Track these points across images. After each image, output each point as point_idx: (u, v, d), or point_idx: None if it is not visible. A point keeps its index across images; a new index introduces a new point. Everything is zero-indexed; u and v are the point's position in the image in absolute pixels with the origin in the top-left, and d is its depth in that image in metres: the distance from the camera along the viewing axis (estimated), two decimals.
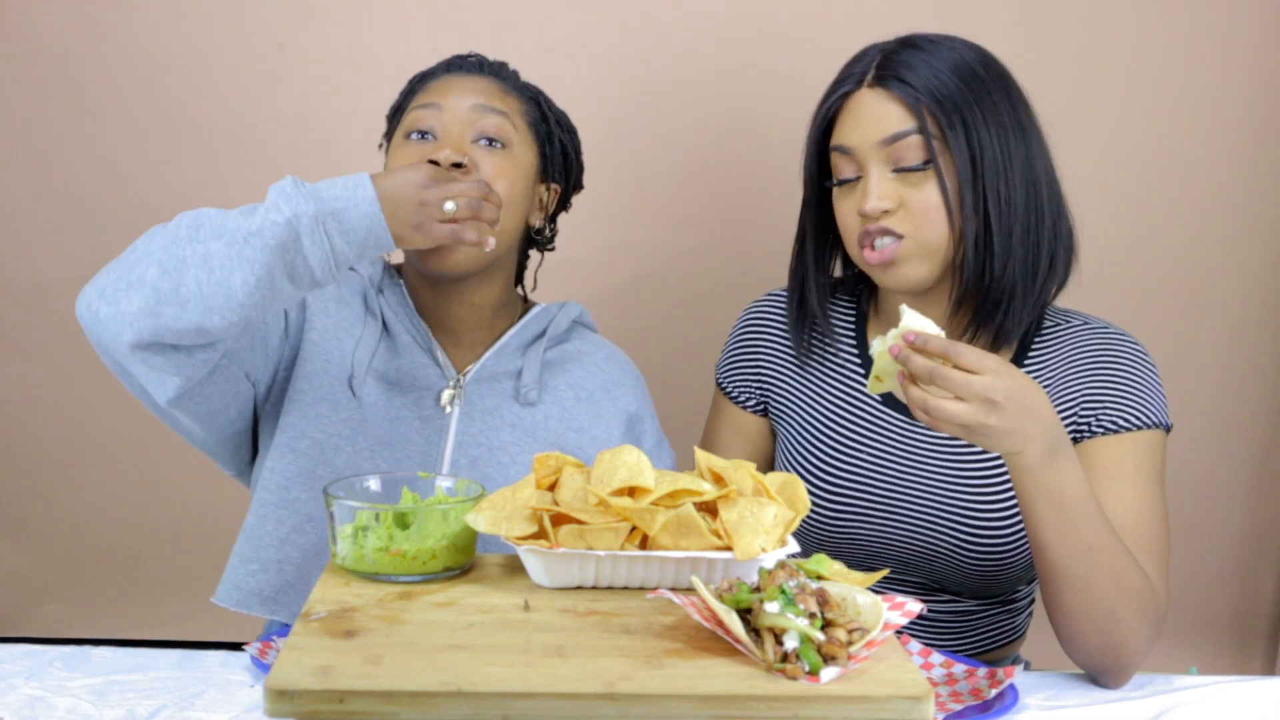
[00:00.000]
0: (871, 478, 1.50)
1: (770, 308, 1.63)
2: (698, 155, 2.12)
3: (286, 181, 1.22)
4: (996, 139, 1.38)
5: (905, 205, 1.39)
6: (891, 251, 1.40)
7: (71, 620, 2.26)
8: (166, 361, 1.25)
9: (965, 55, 1.42)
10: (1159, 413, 1.42)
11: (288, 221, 1.19)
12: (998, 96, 1.40)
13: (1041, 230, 1.42)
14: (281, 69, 2.08)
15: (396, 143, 1.47)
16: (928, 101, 1.38)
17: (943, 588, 1.52)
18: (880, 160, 1.40)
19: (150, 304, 1.21)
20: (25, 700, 1.21)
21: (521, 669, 0.91)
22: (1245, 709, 1.28)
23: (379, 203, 1.22)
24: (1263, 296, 2.17)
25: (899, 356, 1.19)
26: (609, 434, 1.51)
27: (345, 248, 1.22)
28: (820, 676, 0.91)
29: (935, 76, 1.39)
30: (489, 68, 1.51)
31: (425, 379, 1.46)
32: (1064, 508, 1.24)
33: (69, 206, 2.11)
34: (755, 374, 1.61)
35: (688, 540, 1.07)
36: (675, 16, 2.08)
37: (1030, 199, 1.40)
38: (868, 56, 1.44)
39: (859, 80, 1.43)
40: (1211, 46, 2.07)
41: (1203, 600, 2.25)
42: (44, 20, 2.05)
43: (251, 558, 1.41)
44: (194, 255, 1.21)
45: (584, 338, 1.57)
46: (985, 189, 1.38)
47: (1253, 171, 2.12)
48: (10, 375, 2.17)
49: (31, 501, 2.21)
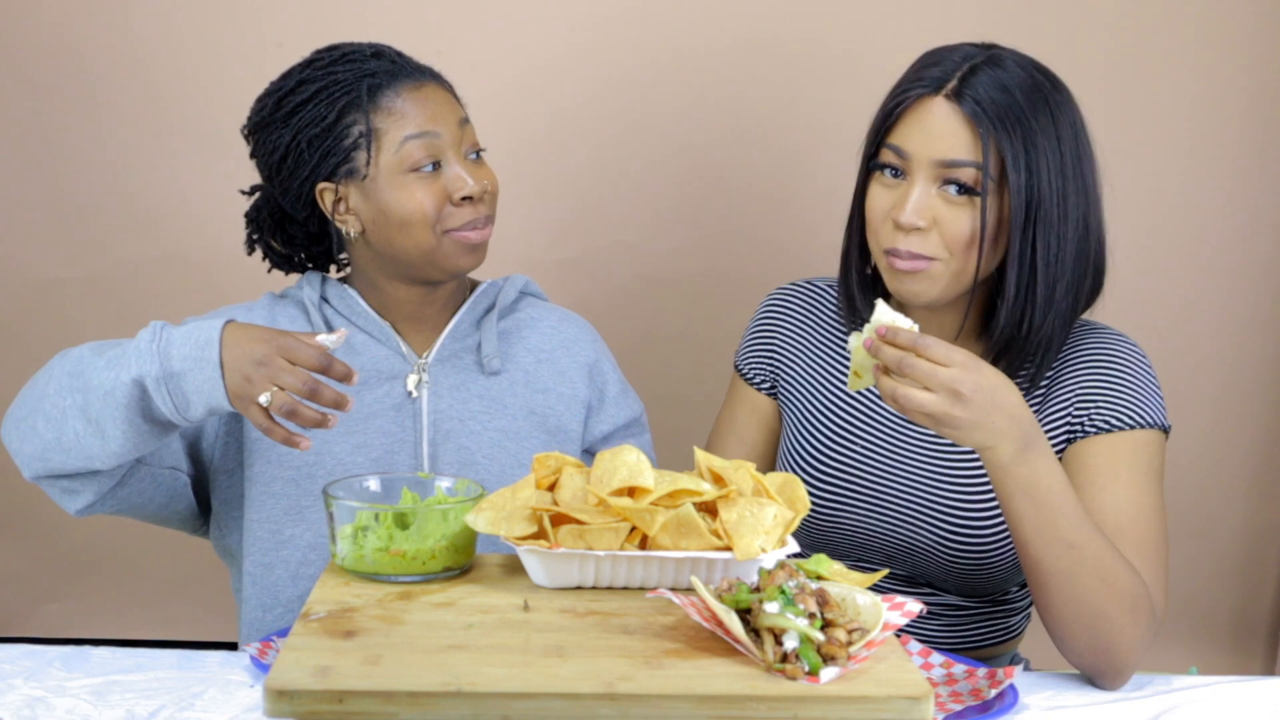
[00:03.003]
0: (859, 467, 1.51)
1: (793, 295, 1.63)
2: (698, 155, 2.12)
3: (146, 331, 1.27)
4: (1057, 190, 1.35)
5: (938, 224, 1.36)
6: (917, 265, 1.38)
7: (71, 620, 2.26)
8: (72, 483, 1.35)
9: (1046, 88, 1.37)
10: (1154, 413, 1.42)
11: (133, 381, 1.25)
12: (1067, 143, 1.37)
13: (1083, 284, 1.41)
14: (281, 68, 2.07)
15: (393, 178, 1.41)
16: (999, 136, 1.33)
17: (928, 583, 1.52)
18: (930, 177, 1.36)
19: (39, 450, 1.31)
20: (25, 700, 1.21)
21: (521, 669, 0.91)
22: (1245, 709, 1.28)
23: (220, 369, 1.23)
24: (1263, 297, 2.16)
25: (871, 349, 1.22)
26: (574, 390, 1.54)
27: (192, 403, 1.25)
28: (820, 677, 0.91)
29: (1012, 110, 1.34)
30: (417, 65, 1.49)
31: (390, 370, 1.48)
32: (1041, 504, 1.25)
33: (69, 206, 2.11)
34: (769, 357, 1.61)
35: (687, 540, 1.07)
36: (675, 17, 2.08)
37: (1081, 249, 1.39)
38: (950, 61, 1.38)
39: (937, 86, 1.36)
40: (1212, 46, 2.07)
41: (1203, 600, 2.25)
42: (43, 20, 2.05)
43: (272, 603, 1.44)
44: (72, 405, 1.28)
45: (533, 305, 1.59)
46: (1036, 238, 1.35)
47: (1252, 171, 2.12)
48: (10, 375, 2.16)
49: (31, 501, 2.21)
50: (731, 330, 2.16)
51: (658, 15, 2.08)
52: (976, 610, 1.54)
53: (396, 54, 1.48)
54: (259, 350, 1.22)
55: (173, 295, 2.12)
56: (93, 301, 2.12)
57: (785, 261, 2.15)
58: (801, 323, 1.61)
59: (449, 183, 1.42)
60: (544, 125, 2.09)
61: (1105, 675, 1.31)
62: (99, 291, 2.12)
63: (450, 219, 1.42)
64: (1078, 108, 1.41)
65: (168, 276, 2.13)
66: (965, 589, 1.51)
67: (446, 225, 1.42)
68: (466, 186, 1.42)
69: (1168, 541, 1.39)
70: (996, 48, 1.41)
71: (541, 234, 2.13)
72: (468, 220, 1.43)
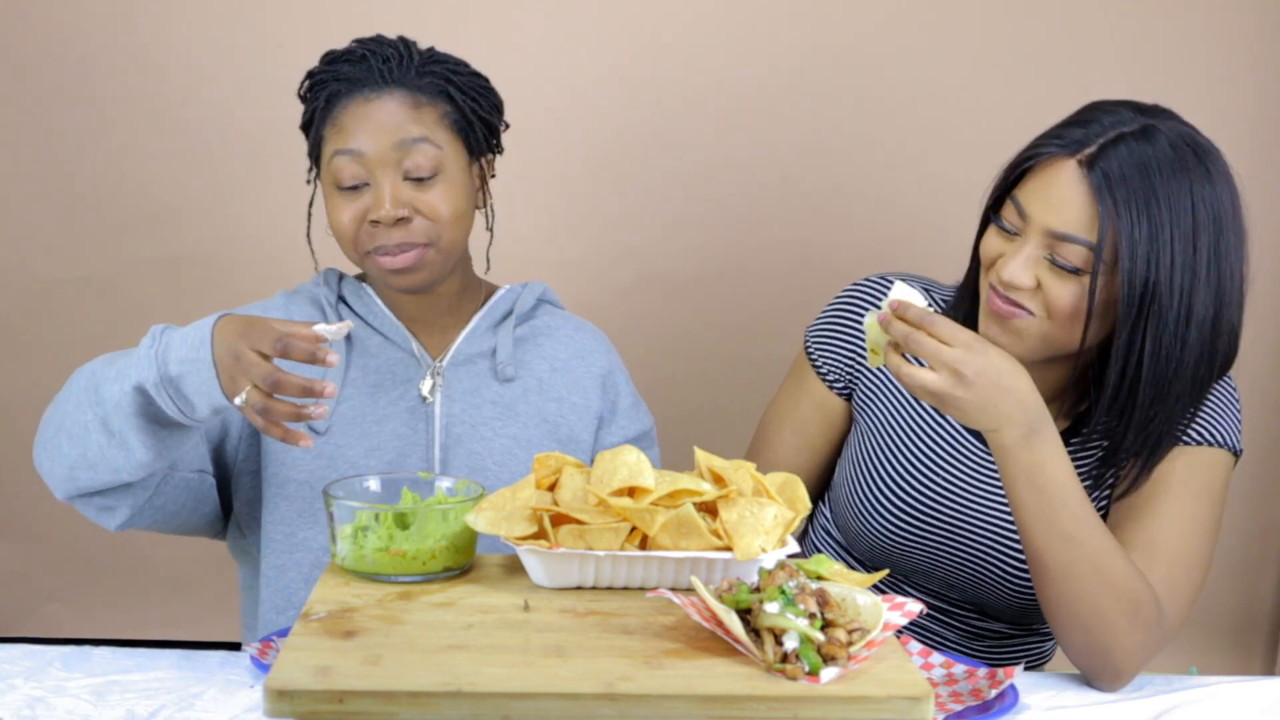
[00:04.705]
0: (936, 495, 1.47)
1: (878, 291, 1.51)
2: (698, 156, 2.12)
3: (147, 338, 1.26)
4: (1181, 287, 1.27)
5: (1044, 289, 1.29)
6: (1014, 314, 1.32)
7: (71, 620, 2.26)
8: (106, 499, 1.34)
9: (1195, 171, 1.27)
10: (1225, 433, 1.38)
11: (135, 389, 1.24)
12: (1205, 235, 1.27)
13: (1204, 386, 1.33)
14: (281, 68, 2.08)
15: (328, 190, 1.42)
16: (1120, 220, 1.24)
17: (981, 610, 1.51)
18: (1041, 243, 1.29)
19: (67, 470, 1.31)
20: (25, 700, 1.21)
21: (521, 669, 0.91)
22: (1245, 709, 1.28)
23: (214, 368, 1.21)
24: (1263, 297, 2.16)
25: (883, 322, 1.23)
26: (587, 400, 1.53)
27: (195, 404, 1.24)
28: (820, 677, 0.91)
29: (1144, 193, 1.25)
30: (393, 74, 1.40)
31: (405, 373, 1.47)
32: (1043, 491, 1.25)
33: (69, 206, 2.11)
34: (849, 356, 1.53)
35: (688, 540, 1.07)
36: (676, 17, 2.08)
37: (1203, 353, 1.31)
38: (1099, 124, 1.29)
39: (1074, 149, 1.28)
40: (1212, 46, 2.07)
41: (1203, 600, 2.22)
42: (44, 20, 2.05)
43: (285, 605, 1.43)
44: (92, 420, 1.28)
45: (550, 314, 1.58)
46: (1147, 332, 1.27)
47: (1253, 171, 2.12)
48: (10, 375, 2.17)
49: (31, 501, 2.21)
50: (732, 330, 2.17)
51: (658, 15, 2.08)
52: (1018, 636, 1.54)
53: (384, 58, 1.41)
54: (234, 345, 1.19)
55: (173, 295, 2.12)
56: (93, 301, 2.12)
57: (786, 262, 2.15)
58: None
59: (371, 203, 1.38)
60: (544, 125, 2.08)
61: (1103, 678, 1.31)
62: (99, 291, 2.12)
63: (366, 240, 1.39)
64: (1232, 189, 1.32)
65: (168, 276, 2.13)
66: (1018, 618, 1.51)
67: (364, 246, 1.39)
68: (375, 210, 1.37)
69: (1206, 564, 1.36)
70: (1160, 117, 1.31)
71: (542, 234, 2.13)
72: (379, 244, 1.38)
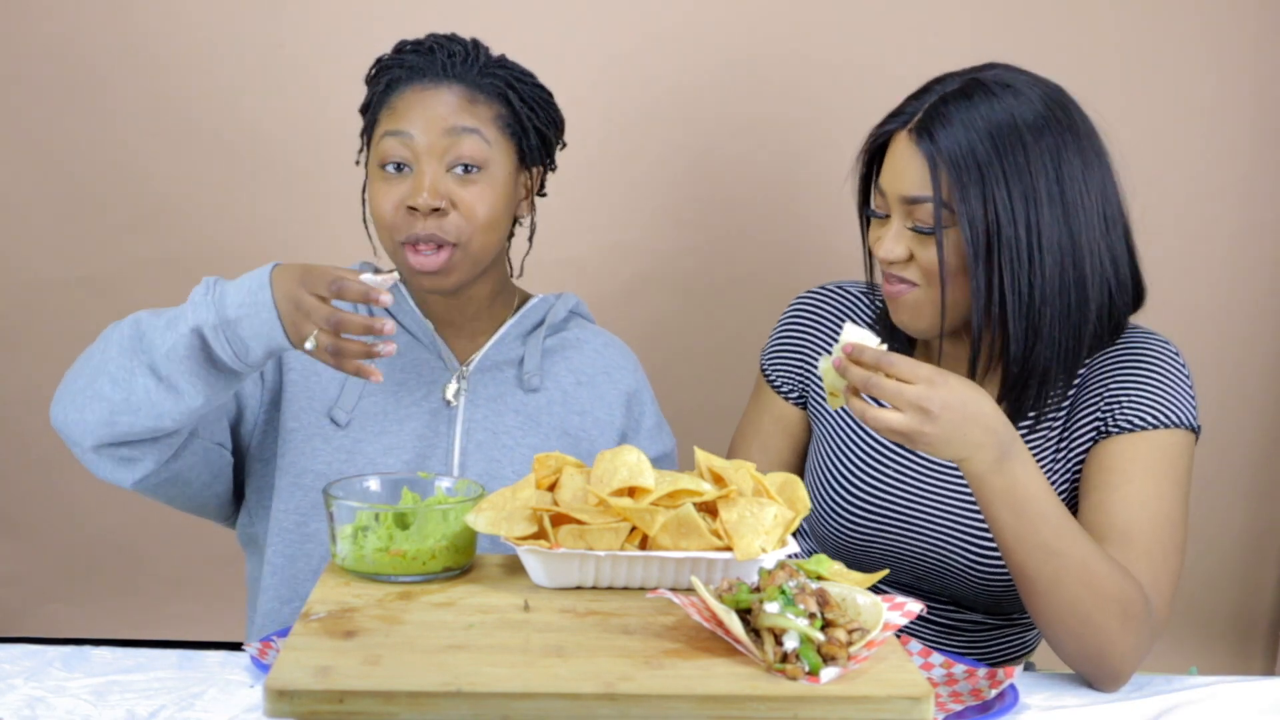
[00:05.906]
0: (892, 489, 1.49)
1: (823, 300, 1.58)
2: (698, 155, 2.12)
3: (200, 286, 1.27)
4: (1027, 223, 1.32)
5: (916, 260, 1.37)
6: (900, 291, 1.39)
7: (71, 620, 2.25)
8: (132, 451, 1.33)
9: (1018, 111, 1.34)
10: (1179, 413, 1.39)
11: (192, 331, 1.25)
12: (1042, 174, 1.33)
13: (1086, 310, 1.36)
14: (282, 68, 2.08)
15: (373, 171, 1.43)
16: (947, 169, 1.32)
17: (953, 600, 1.52)
18: (901, 214, 1.37)
19: (106, 415, 1.29)
20: (25, 700, 1.21)
21: (521, 669, 0.91)
22: (1245, 709, 1.28)
23: (275, 310, 1.23)
24: (1263, 297, 2.16)
25: (839, 368, 1.23)
26: (610, 415, 1.52)
27: (251, 347, 1.25)
28: (820, 677, 0.91)
29: (965, 140, 1.32)
30: (455, 69, 1.43)
31: (430, 374, 1.47)
32: (1020, 512, 1.25)
33: (69, 206, 2.11)
34: (799, 367, 1.57)
35: (688, 540, 1.07)
36: (676, 17, 2.08)
37: (1066, 280, 1.34)
38: (929, 95, 1.38)
39: (906, 121, 1.38)
40: (1212, 46, 2.07)
41: (1203, 600, 2.25)
42: (44, 20, 2.05)
43: (290, 595, 1.43)
44: (138, 365, 1.28)
45: (581, 327, 1.58)
46: (1002, 268, 1.33)
47: (1253, 171, 2.12)
48: (10, 375, 2.17)
49: (31, 501, 2.21)
50: (732, 331, 2.17)
51: (659, 17, 2.08)
52: (998, 626, 1.54)
53: (451, 52, 1.44)
54: (292, 291, 1.22)
55: (173, 295, 2.08)
56: (93, 301, 2.12)
57: (786, 262, 2.15)
58: (832, 331, 1.56)
59: (411, 193, 1.38)
60: None
61: (1100, 680, 1.31)
62: (99, 291, 2.12)
63: (402, 226, 1.39)
64: (1080, 131, 1.37)
65: (168, 276, 2.12)
66: (992, 608, 1.51)
67: (399, 234, 1.40)
68: (414, 195, 1.38)
69: (1181, 547, 1.36)
70: (988, 70, 1.38)
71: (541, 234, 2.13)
72: (412, 233, 1.39)
